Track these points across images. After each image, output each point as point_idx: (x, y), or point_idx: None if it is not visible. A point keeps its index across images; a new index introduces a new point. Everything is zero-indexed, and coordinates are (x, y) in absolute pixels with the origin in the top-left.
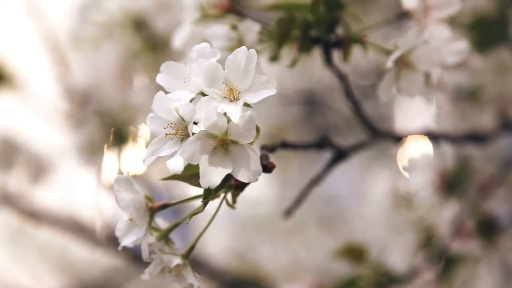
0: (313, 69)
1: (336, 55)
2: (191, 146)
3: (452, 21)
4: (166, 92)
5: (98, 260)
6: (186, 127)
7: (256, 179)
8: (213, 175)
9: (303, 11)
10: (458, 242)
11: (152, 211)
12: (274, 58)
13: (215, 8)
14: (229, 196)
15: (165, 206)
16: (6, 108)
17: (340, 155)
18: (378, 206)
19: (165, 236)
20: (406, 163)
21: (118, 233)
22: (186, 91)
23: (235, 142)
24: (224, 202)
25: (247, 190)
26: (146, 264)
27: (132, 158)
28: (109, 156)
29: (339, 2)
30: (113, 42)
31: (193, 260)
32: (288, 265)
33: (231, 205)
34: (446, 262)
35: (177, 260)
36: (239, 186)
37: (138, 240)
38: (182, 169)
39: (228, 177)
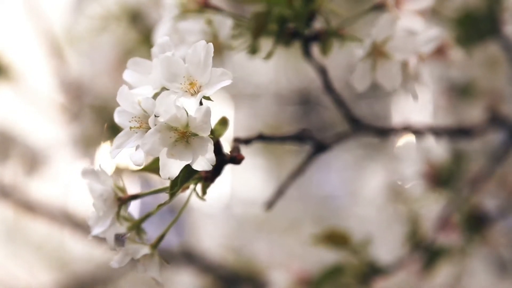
0: (308, 68)
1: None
2: (151, 138)
3: (441, 16)
4: (132, 88)
5: (93, 256)
6: None
7: (210, 167)
8: (172, 166)
9: (280, 4)
10: (443, 235)
11: (122, 202)
12: (252, 51)
13: (193, 3)
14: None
15: (134, 197)
16: (2, 101)
17: (321, 148)
18: (373, 205)
19: (136, 226)
20: (396, 156)
21: (90, 223)
22: (150, 86)
23: (195, 135)
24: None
25: (242, 188)
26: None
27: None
28: (104, 150)
29: None
30: (108, 35)
31: (188, 254)
32: (283, 263)
33: (201, 197)
34: (430, 254)
35: (144, 250)
36: (209, 178)
37: (106, 231)
38: (143, 162)
39: (194, 169)
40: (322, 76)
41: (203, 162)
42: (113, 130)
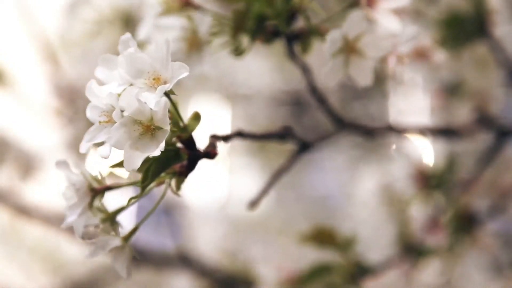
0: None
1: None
2: (116, 132)
3: (427, 18)
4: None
5: (88, 259)
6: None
7: (158, 153)
8: (135, 159)
9: (259, 2)
10: (433, 235)
11: (95, 192)
12: (233, 49)
13: (175, 1)
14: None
15: (108, 188)
16: None
17: (305, 147)
18: (366, 206)
19: (110, 218)
20: (389, 158)
21: (66, 212)
22: (117, 82)
23: (160, 128)
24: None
25: (238, 190)
26: (137, 262)
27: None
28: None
29: None
30: (102, 40)
31: (184, 258)
32: (279, 265)
33: (176, 192)
34: (419, 255)
35: (115, 242)
36: (183, 173)
37: (76, 220)
38: (109, 155)
39: (167, 163)
40: (306, 75)
41: (158, 150)
42: None
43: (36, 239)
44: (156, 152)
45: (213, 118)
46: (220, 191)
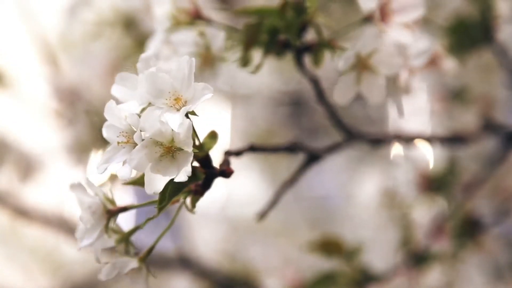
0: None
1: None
2: (138, 154)
3: (433, 24)
4: (120, 103)
5: (88, 260)
6: None
7: (186, 178)
8: (157, 181)
9: (272, 16)
10: (437, 241)
11: (111, 214)
12: (244, 63)
13: (185, 15)
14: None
15: (124, 209)
16: None
17: (313, 158)
18: (367, 209)
19: (125, 239)
20: (390, 161)
21: (77, 235)
22: (136, 101)
23: (180, 149)
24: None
25: (237, 191)
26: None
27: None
28: (98, 156)
29: (305, 8)
30: (102, 41)
31: (184, 259)
32: (278, 267)
33: (191, 210)
34: (423, 261)
35: (132, 264)
36: (199, 192)
37: (93, 243)
38: (130, 177)
39: (184, 184)
40: (314, 86)
41: (181, 173)
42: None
43: (35, 240)
44: (181, 177)
45: (213, 118)
46: (220, 192)
